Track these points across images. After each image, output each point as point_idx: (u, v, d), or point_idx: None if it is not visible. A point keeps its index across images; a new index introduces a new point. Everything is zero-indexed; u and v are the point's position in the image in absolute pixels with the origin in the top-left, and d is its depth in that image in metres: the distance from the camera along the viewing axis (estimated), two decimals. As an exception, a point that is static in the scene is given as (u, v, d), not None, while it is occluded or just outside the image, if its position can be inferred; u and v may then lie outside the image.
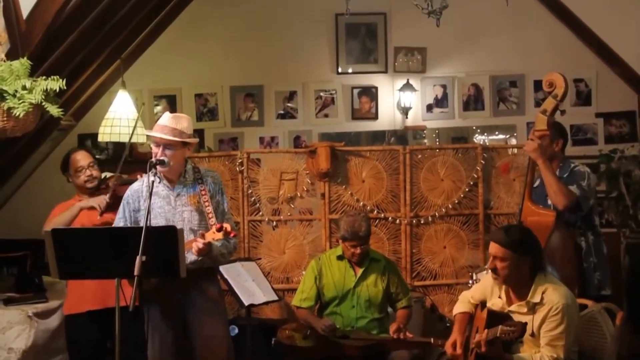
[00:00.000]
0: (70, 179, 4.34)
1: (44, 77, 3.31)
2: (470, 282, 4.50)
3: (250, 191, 5.03)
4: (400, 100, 6.56)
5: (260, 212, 5.06)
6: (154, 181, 3.49)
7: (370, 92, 6.67)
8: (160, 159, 3.54)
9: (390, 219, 5.07)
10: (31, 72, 3.33)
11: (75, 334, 4.24)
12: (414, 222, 5.07)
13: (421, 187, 5.09)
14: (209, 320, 3.64)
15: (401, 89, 6.54)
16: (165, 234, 3.27)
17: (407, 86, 6.52)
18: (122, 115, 5.30)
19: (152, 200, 3.46)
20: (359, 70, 6.67)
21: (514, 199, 4.97)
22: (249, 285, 4.41)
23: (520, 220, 4.00)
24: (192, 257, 3.53)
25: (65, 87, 3.33)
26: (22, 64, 3.27)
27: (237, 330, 4.60)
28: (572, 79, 6.35)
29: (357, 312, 4.33)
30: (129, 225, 3.65)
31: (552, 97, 3.91)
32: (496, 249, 3.34)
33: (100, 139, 5.49)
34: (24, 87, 3.21)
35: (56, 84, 3.28)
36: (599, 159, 6.24)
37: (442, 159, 5.11)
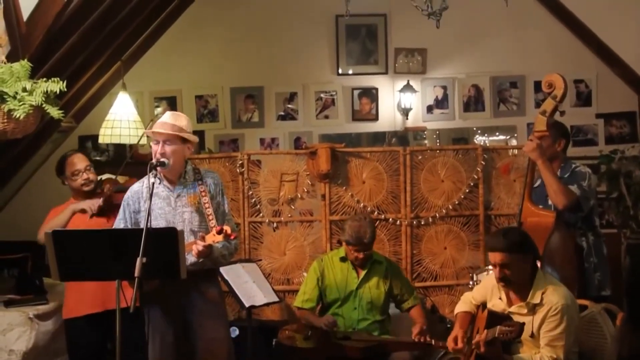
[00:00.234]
0: (65, 182, 4.32)
1: (44, 79, 3.32)
2: (470, 283, 4.50)
3: (250, 192, 5.03)
4: (400, 101, 6.56)
5: (260, 214, 5.06)
6: (154, 182, 3.50)
7: (370, 93, 6.67)
8: (160, 160, 3.54)
9: (390, 220, 5.06)
10: (32, 74, 3.34)
11: (74, 336, 4.24)
12: (415, 223, 5.07)
13: (421, 188, 5.09)
14: (210, 322, 3.64)
15: (401, 90, 6.53)
16: (165, 236, 3.27)
17: (408, 87, 6.51)
18: (123, 117, 5.32)
19: (152, 201, 3.45)
20: (359, 71, 6.66)
21: (515, 200, 4.95)
22: (249, 286, 4.42)
23: (520, 221, 4.00)
24: (192, 259, 3.53)
25: (65, 89, 3.35)
26: (23, 66, 3.28)
27: (237, 331, 4.60)
28: (573, 80, 6.35)
29: (358, 313, 4.34)
30: (129, 226, 3.65)
31: (552, 98, 3.91)
32: (501, 256, 3.30)
33: (100, 141, 5.52)
34: (24, 89, 3.22)
35: (56, 85, 3.29)
36: (599, 159, 6.24)
37: (443, 160, 5.10)
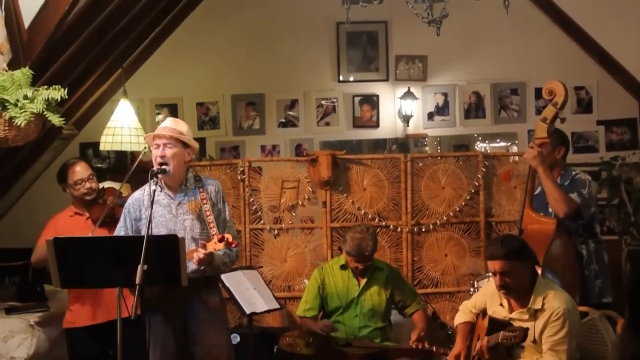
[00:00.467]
0: (67, 190, 4.30)
1: (45, 86, 3.33)
2: (471, 289, 4.49)
3: (251, 199, 5.04)
4: (401, 108, 6.55)
5: (261, 221, 5.06)
6: (155, 190, 3.50)
7: (371, 100, 6.67)
8: (162, 167, 3.54)
9: (391, 227, 5.06)
10: (33, 82, 3.35)
11: (76, 345, 4.24)
12: (415, 230, 5.07)
13: (422, 195, 5.09)
14: (211, 329, 3.63)
15: (402, 97, 6.53)
16: (166, 243, 3.26)
17: (408, 94, 6.51)
18: (124, 124, 5.32)
19: (153, 209, 3.45)
20: (360, 78, 6.67)
21: (515, 207, 4.95)
22: (250, 293, 4.41)
23: (521, 228, 4.00)
24: (193, 267, 3.52)
25: (66, 97, 3.36)
26: (24, 74, 3.29)
27: (238, 338, 4.58)
28: (573, 87, 6.35)
29: (360, 321, 4.33)
30: (130, 234, 3.65)
31: (552, 105, 3.91)
32: (500, 264, 3.29)
33: (102, 148, 5.52)
34: (25, 97, 3.22)
35: (58, 93, 3.30)
36: (600, 166, 6.23)
37: (443, 166, 5.10)
